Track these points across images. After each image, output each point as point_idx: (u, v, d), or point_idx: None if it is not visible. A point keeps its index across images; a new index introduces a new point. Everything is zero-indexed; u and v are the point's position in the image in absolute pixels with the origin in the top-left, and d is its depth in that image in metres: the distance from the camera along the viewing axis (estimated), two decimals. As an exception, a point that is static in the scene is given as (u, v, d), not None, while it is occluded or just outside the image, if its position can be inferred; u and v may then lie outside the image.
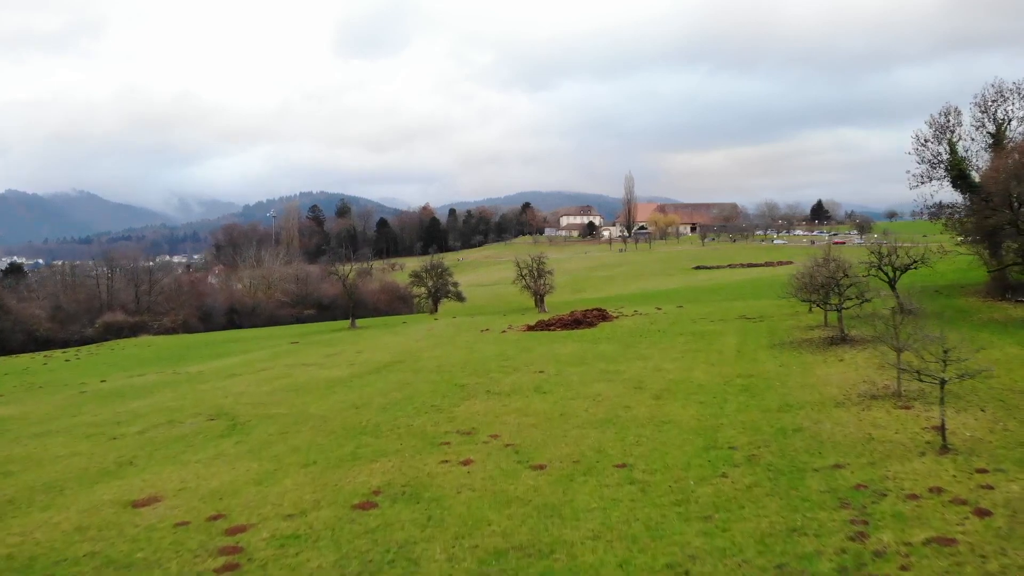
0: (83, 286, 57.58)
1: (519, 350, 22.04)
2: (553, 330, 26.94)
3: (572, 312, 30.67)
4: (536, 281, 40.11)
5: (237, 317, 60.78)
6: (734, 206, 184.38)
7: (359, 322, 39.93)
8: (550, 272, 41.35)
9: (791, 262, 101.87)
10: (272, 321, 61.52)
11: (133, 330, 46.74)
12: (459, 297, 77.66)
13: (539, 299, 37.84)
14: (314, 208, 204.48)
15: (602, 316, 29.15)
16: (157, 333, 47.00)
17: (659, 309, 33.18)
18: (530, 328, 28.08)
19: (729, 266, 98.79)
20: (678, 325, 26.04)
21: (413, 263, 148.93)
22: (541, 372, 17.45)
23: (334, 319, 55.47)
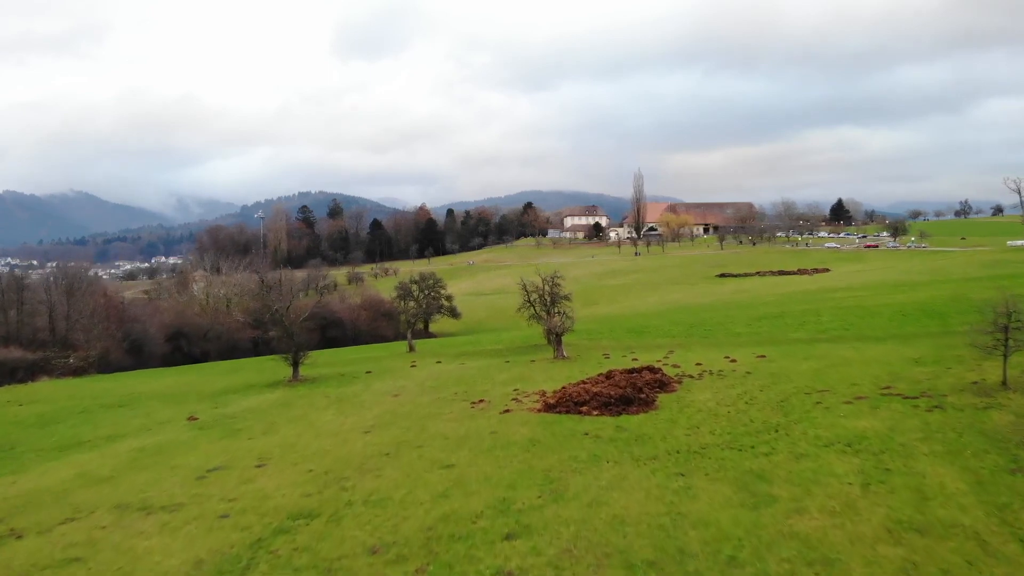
0: (-11, 309, 46.94)
1: (539, 489, 11.70)
2: (586, 414, 16.60)
3: (610, 373, 20.31)
4: (550, 310, 29.75)
5: (186, 343, 50.38)
6: (750, 206, 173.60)
7: (310, 367, 29.55)
8: (567, 297, 30.97)
9: (828, 269, 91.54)
10: (229, 349, 51.26)
11: (31, 371, 36.39)
12: (453, 313, 67.37)
13: (554, 339, 27.44)
14: (303, 209, 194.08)
15: (660, 384, 18.80)
16: (62, 375, 36.73)
17: (733, 361, 22.84)
18: (548, 406, 17.71)
19: (758, 273, 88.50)
20: (797, 409, 15.69)
21: (408, 267, 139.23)
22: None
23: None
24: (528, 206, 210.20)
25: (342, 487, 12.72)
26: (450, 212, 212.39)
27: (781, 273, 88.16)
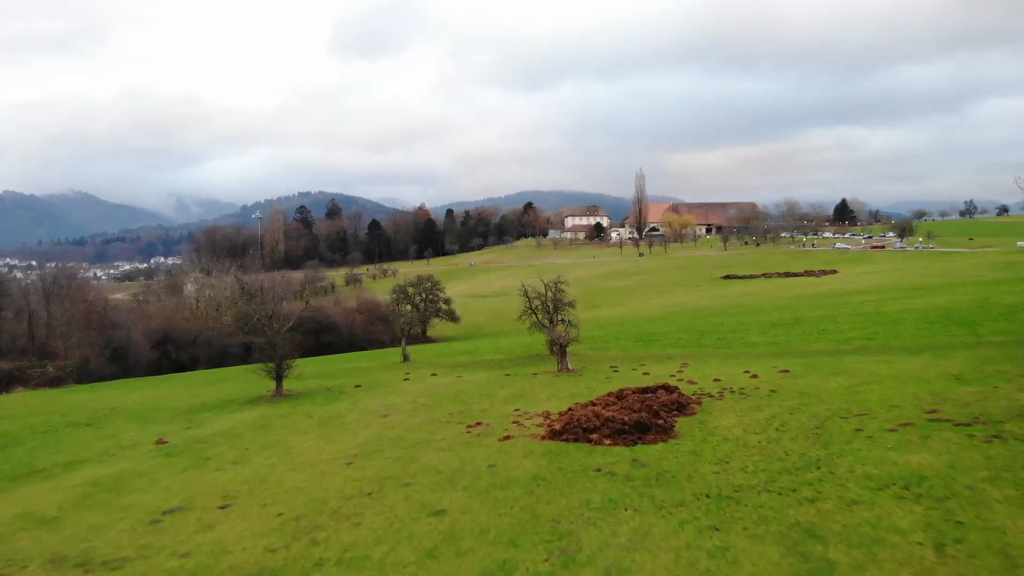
0: (-33, 314, 45.01)
1: (545, 547, 9.85)
2: (597, 443, 14.76)
3: (622, 392, 18.44)
4: (553, 318, 27.92)
5: (174, 349, 48.51)
6: (753, 206, 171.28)
7: (296, 379, 27.68)
8: (571, 304, 29.13)
9: (835, 271, 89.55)
10: (219, 355, 49.39)
11: (6, 381, 34.57)
12: (451, 316, 65.62)
13: (558, 350, 25.57)
14: (301, 209, 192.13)
15: (678, 405, 16.96)
16: (39, 385, 34.87)
17: (754, 377, 21.00)
18: (554, 433, 15.87)
19: (764, 275, 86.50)
20: (837, 439, 13.82)
21: (407, 268, 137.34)
22: None
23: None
24: (528, 206, 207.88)
25: (313, 539, 10.86)
26: (449, 212, 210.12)
27: (788, 275, 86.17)
